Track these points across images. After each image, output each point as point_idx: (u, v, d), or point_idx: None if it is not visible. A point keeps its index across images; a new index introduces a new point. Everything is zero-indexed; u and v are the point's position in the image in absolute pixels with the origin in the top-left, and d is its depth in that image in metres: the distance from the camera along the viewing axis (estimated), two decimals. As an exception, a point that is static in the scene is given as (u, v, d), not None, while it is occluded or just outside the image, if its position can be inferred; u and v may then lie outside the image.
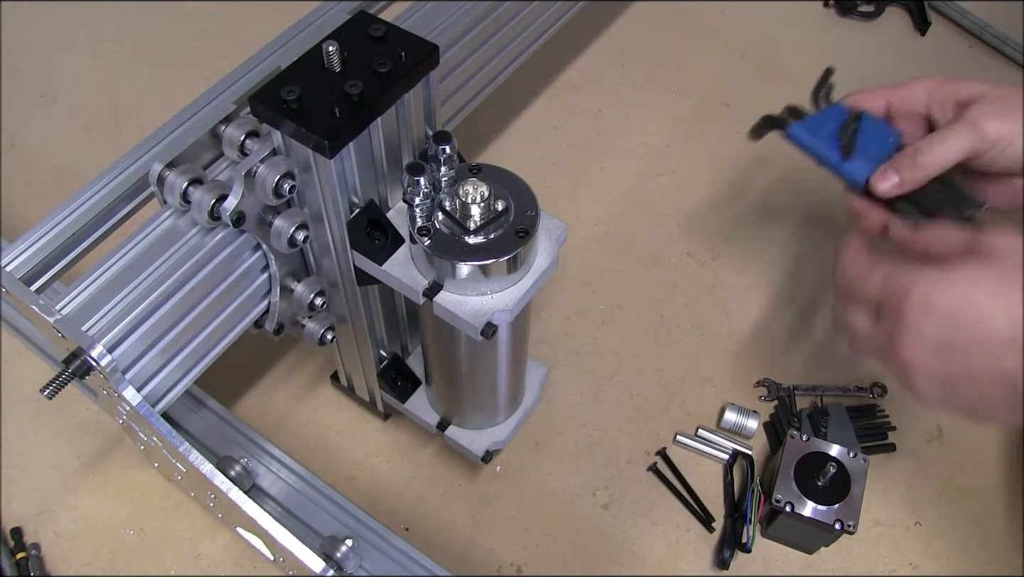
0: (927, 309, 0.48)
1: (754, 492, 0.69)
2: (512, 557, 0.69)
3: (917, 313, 0.48)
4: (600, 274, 0.85)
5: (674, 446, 0.74)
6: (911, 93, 0.63)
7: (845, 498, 0.64)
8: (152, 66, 1.01)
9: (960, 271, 0.48)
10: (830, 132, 0.63)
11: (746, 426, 0.73)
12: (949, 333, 0.47)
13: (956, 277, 0.48)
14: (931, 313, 0.48)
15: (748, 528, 0.68)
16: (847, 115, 0.63)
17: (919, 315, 0.48)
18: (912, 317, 0.48)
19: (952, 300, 0.47)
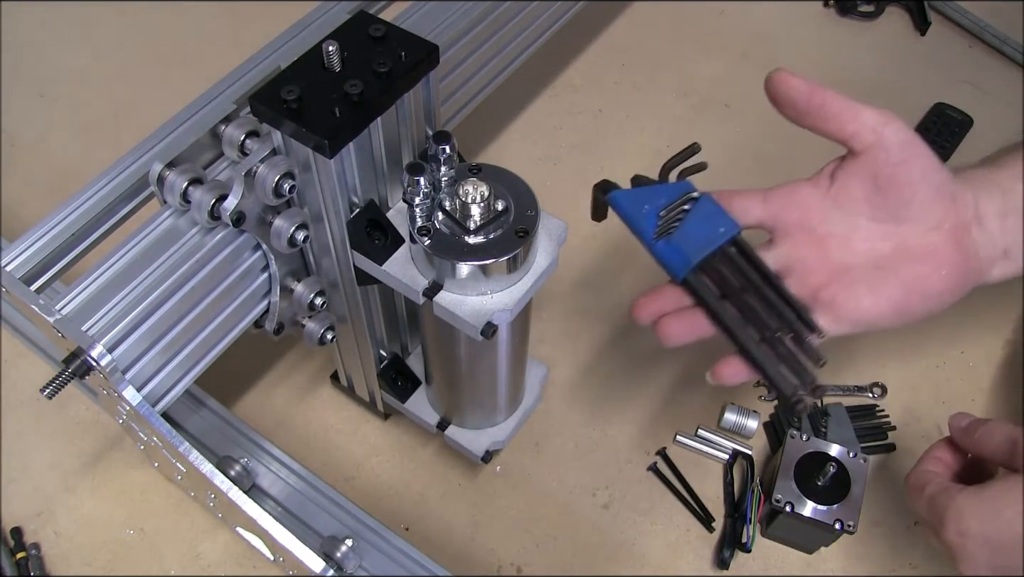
0: (964, 536, 0.48)
1: (754, 492, 0.69)
2: (512, 557, 0.69)
3: (956, 540, 0.49)
4: (600, 274, 0.84)
5: (674, 446, 0.74)
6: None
7: (845, 498, 0.64)
8: (152, 66, 1.01)
9: (987, 492, 0.49)
10: (656, 207, 0.56)
11: (746, 426, 0.73)
12: (994, 555, 0.48)
13: (985, 499, 0.48)
14: (969, 539, 0.48)
15: (748, 528, 0.68)
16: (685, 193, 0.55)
17: (958, 541, 0.49)
18: (953, 543, 0.49)
19: (984, 525, 0.48)
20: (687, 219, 0.54)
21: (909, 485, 0.55)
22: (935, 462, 0.55)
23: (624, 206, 0.57)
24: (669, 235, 0.54)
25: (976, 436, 0.53)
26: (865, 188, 0.52)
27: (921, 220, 0.52)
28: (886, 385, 0.76)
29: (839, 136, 0.53)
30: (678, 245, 0.53)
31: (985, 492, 0.49)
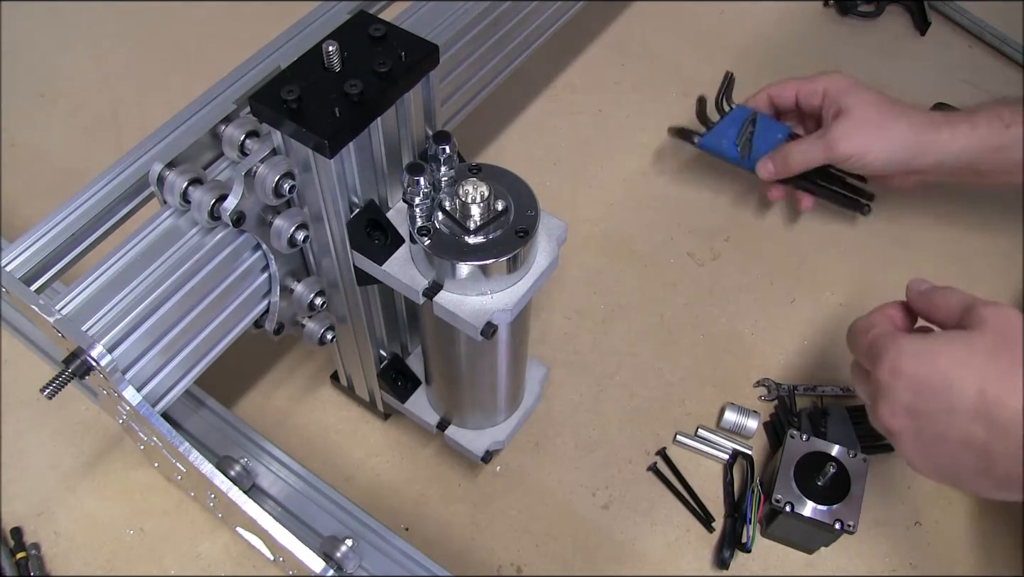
0: (895, 374, 0.49)
1: (754, 492, 0.69)
2: (512, 557, 0.69)
3: (886, 377, 0.50)
4: (600, 274, 0.85)
5: (674, 446, 0.74)
6: (813, 88, 0.77)
7: (845, 498, 0.64)
8: (152, 66, 1.01)
9: (931, 339, 0.49)
10: (731, 138, 0.80)
11: (746, 426, 0.73)
12: (917, 399, 0.48)
13: (926, 344, 0.49)
14: (899, 378, 0.49)
15: (748, 528, 0.68)
16: (744, 117, 0.80)
17: (888, 379, 0.49)
18: (883, 381, 0.50)
19: (919, 367, 0.48)
20: (755, 137, 0.79)
21: (854, 329, 0.56)
22: (884, 317, 0.55)
23: (711, 146, 0.80)
24: (750, 153, 0.79)
25: (932, 299, 0.54)
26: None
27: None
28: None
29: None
30: (759, 156, 0.79)
31: (927, 338, 0.50)
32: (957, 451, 0.48)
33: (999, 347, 0.47)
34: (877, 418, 0.52)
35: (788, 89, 0.78)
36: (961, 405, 0.47)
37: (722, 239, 0.87)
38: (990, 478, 0.48)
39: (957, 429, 0.47)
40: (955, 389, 0.47)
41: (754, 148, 0.79)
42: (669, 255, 0.86)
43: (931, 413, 0.48)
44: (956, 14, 1.05)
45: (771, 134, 0.79)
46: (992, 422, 0.46)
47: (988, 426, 0.46)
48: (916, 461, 0.51)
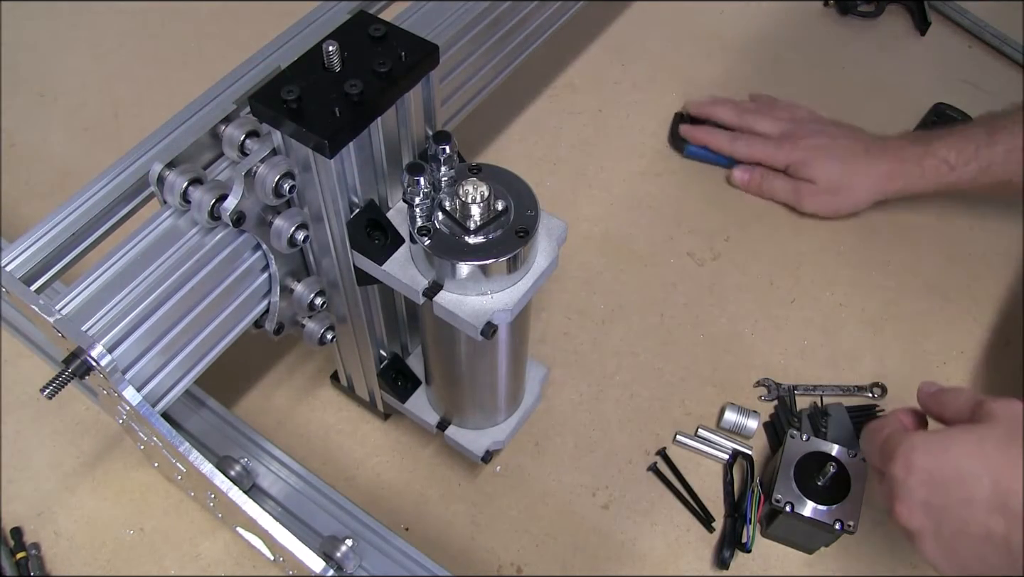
0: (909, 469, 0.49)
1: (754, 492, 0.69)
2: (512, 557, 0.69)
3: (900, 473, 0.49)
4: (600, 274, 0.85)
5: (674, 446, 0.74)
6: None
7: (845, 498, 0.64)
8: (152, 66, 1.01)
9: (942, 432, 0.49)
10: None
11: (746, 426, 0.73)
12: (933, 493, 0.48)
13: (937, 437, 0.49)
14: (913, 473, 0.49)
15: (748, 528, 0.68)
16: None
17: (903, 475, 0.49)
18: (897, 478, 0.50)
19: (932, 460, 0.48)
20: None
21: (868, 429, 0.56)
22: (896, 419, 0.55)
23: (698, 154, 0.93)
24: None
25: (941, 399, 0.54)
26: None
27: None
28: (886, 385, 0.77)
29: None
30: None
31: (939, 433, 0.50)
32: (978, 546, 0.48)
33: (1010, 438, 0.47)
34: (896, 518, 0.51)
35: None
36: (977, 496, 0.47)
37: (722, 239, 0.87)
38: (1015, 571, 0.48)
39: (976, 523, 0.47)
40: (968, 480, 0.47)
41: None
42: (669, 255, 0.86)
43: (947, 507, 0.48)
44: (956, 14, 1.05)
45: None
46: (1009, 512, 0.46)
47: (1006, 517, 0.46)
48: (939, 561, 0.50)
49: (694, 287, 0.84)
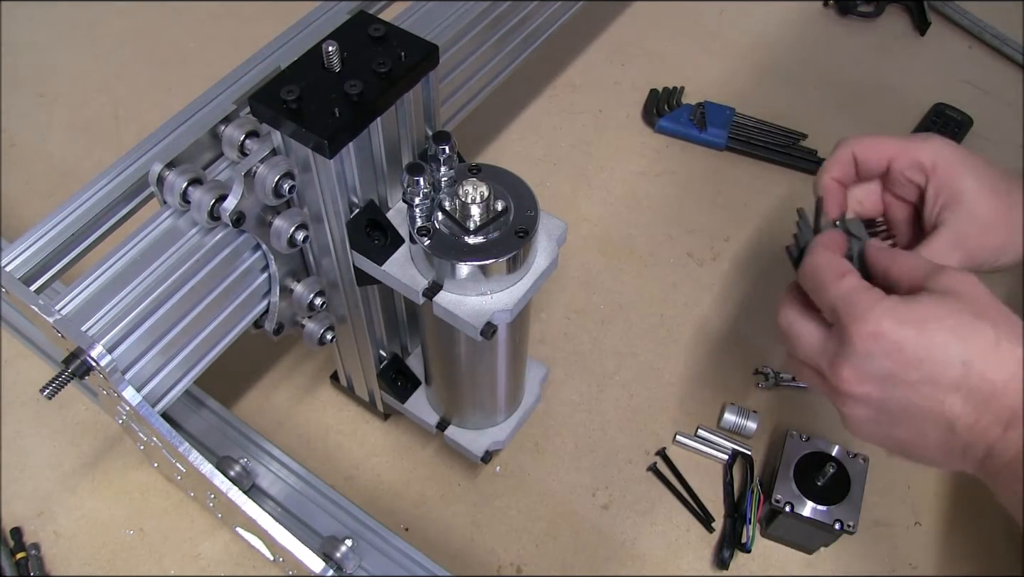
0: (877, 338, 0.46)
1: (754, 492, 0.69)
2: (512, 557, 0.69)
3: (866, 340, 0.46)
4: (600, 274, 0.85)
5: (674, 446, 0.74)
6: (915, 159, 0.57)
7: (845, 498, 0.64)
8: (152, 66, 1.01)
9: (920, 304, 0.46)
10: (686, 118, 0.94)
11: (746, 426, 0.73)
12: (897, 367, 0.46)
13: (913, 309, 0.46)
14: (880, 342, 0.46)
15: (748, 528, 0.68)
16: (692, 106, 0.95)
17: (868, 342, 0.46)
18: (860, 342, 0.46)
19: (906, 333, 0.46)
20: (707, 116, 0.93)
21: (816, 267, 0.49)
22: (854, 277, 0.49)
23: (668, 127, 0.94)
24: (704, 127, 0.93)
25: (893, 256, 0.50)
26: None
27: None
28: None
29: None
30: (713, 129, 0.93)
31: (913, 305, 0.46)
32: (922, 423, 0.46)
33: (977, 315, 0.45)
34: (836, 379, 0.47)
35: (880, 150, 0.57)
36: (943, 377, 0.45)
37: (722, 239, 0.87)
38: (947, 451, 0.47)
39: (932, 400, 0.46)
40: (940, 359, 0.45)
41: (708, 124, 0.93)
42: (669, 255, 0.86)
43: (909, 383, 0.46)
44: (956, 14, 1.05)
45: (721, 113, 0.93)
46: (971, 394, 0.45)
47: (966, 399, 0.45)
48: (867, 429, 0.49)
49: (694, 287, 0.84)
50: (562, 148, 0.94)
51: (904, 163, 0.56)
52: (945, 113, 0.95)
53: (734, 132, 0.93)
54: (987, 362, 0.44)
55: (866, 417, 0.48)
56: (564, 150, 0.94)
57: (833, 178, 0.57)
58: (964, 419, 0.45)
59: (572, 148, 0.94)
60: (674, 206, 0.89)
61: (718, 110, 0.94)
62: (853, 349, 0.46)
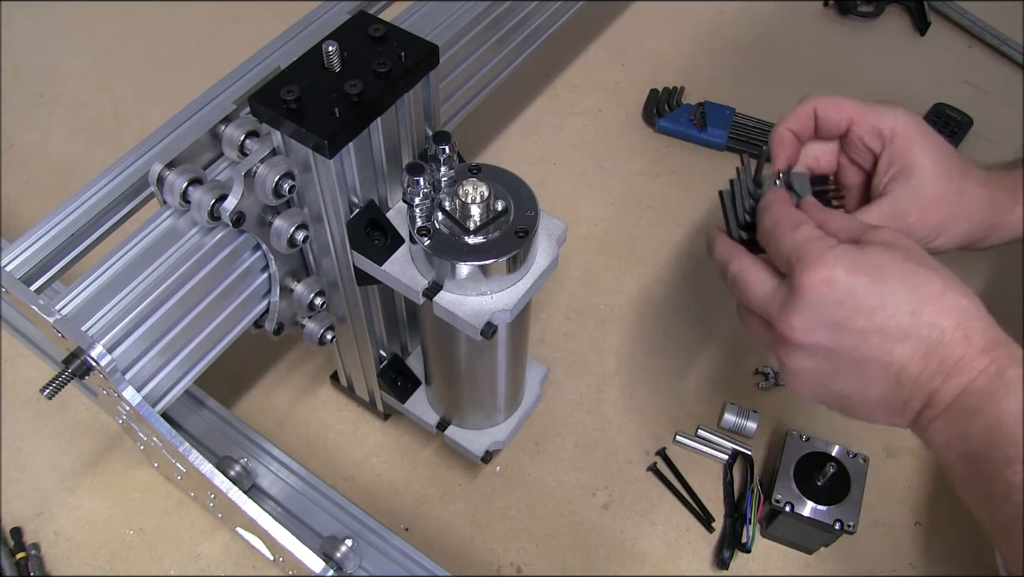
0: (829, 284, 0.45)
1: (754, 492, 0.69)
2: (512, 557, 0.69)
3: (819, 287, 0.45)
4: (600, 274, 0.84)
5: (674, 446, 0.74)
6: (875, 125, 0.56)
7: (845, 498, 0.64)
8: (152, 66, 1.01)
9: (871, 252, 0.46)
10: (686, 118, 0.94)
11: (746, 426, 0.73)
12: (848, 314, 0.45)
13: (867, 257, 0.46)
14: (833, 288, 0.45)
15: (748, 528, 0.68)
16: (692, 106, 0.94)
17: (820, 289, 0.45)
18: (812, 289, 0.45)
19: (859, 282, 0.45)
20: (707, 116, 0.94)
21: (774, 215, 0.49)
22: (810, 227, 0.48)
23: (669, 127, 0.94)
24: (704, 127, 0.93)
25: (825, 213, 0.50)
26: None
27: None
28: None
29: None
30: (713, 129, 0.93)
31: (868, 253, 0.46)
32: (867, 374, 0.46)
33: (924, 265, 0.45)
34: (783, 327, 0.46)
35: (842, 110, 0.56)
36: (893, 326, 0.45)
37: (722, 239, 0.87)
38: (887, 404, 0.47)
39: (880, 350, 0.45)
40: (890, 309, 0.44)
41: (708, 124, 0.93)
42: (669, 255, 0.86)
43: (858, 331, 0.45)
44: (956, 14, 1.05)
45: (720, 113, 0.93)
46: (919, 343, 0.45)
47: (914, 348, 0.45)
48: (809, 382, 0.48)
49: (694, 287, 0.84)
50: (562, 148, 0.94)
51: (864, 127, 0.56)
52: (945, 113, 0.95)
53: (734, 132, 0.92)
54: (935, 311, 0.45)
55: (811, 369, 0.47)
56: (564, 150, 0.94)
57: (790, 129, 0.57)
58: (910, 369, 0.45)
59: (572, 148, 0.94)
60: (674, 206, 0.89)
61: (718, 110, 0.94)
62: (805, 296, 0.46)
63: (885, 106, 0.56)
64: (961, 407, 0.44)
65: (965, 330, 0.45)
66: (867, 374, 0.46)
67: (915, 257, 0.46)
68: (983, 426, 0.44)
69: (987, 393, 0.44)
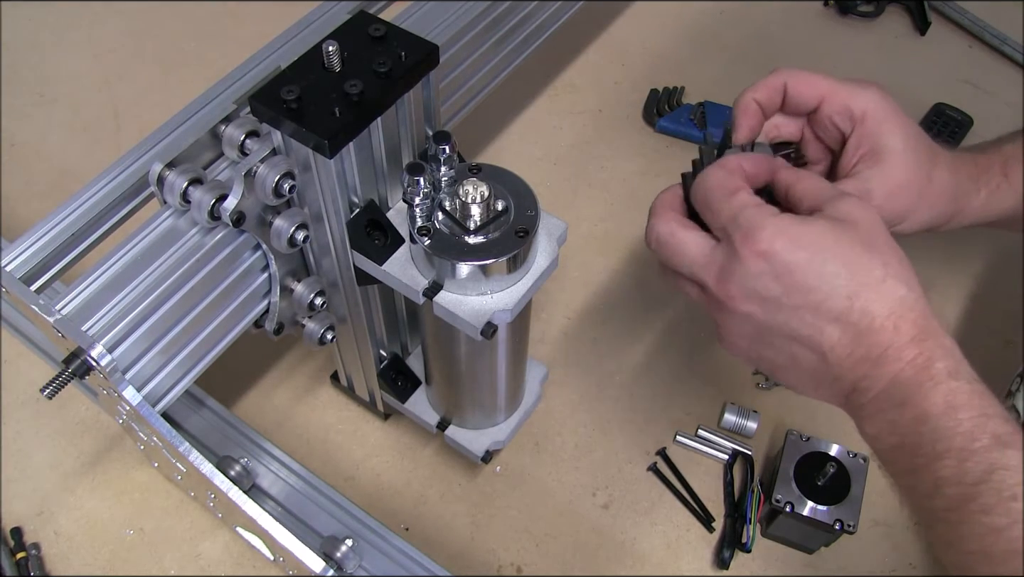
0: (768, 257, 0.44)
1: (754, 492, 0.69)
2: (512, 557, 0.69)
3: (757, 258, 0.45)
4: (600, 274, 0.84)
5: (674, 446, 0.74)
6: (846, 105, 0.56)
7: (845, 498, 0.64)
8: (152, 66, 1.01)
9: (814, 227, 0.45)
10: (686, 118, 0.94)
11: (746, 426, 0.73)
12: (782, 289, 0.45)
13: (808, 232, 0.45)
14: (771, 262, 0.44)
15: (748, 528, 0.68)
16: (692, 106, 0.95)
17: (758, 261, 0.45)
18: (751, 259, 0.45)
19: (797, 257, 0.44)
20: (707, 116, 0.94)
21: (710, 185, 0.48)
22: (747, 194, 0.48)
23: (669, 127, 0.95)
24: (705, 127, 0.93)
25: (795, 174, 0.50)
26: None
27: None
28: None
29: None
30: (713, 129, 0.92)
31: (808, 227, 0.45)
32: (797, 348, 0.46)
33: (869, 247, 0.45)
34: (722, 293, 0.46)
35: (813, 87, 0.56)
36: (827, 307, 0.44)
37: (722, 239, 0.87)
38: (816, 379, 0.47)
39: (811, 328, 0.45)
40: (826, 290, 0.44)
41: (709, 124, 0.93)
42: (669, 255, 0.86)
43: (790, 307, 0.45)
44: (956, 14, 1.05)
45: (721, 114, 0.93)
46: (850, 327, 0.44)
47: (844, 331, 0.44)
48: (741, 345, 0.48)
49: (694, 287, 0.84)
50: (562, 148, 0.94)
51: (834, 106, 0.54)
52: (945, 113, 0.95)
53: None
54: (870, 298, 0.44)
55: (745, 334, 0.48)
56: (564, 150, 0.94)
57: (755, 99, 0.56)
58: (839, 350, 0.45)
59: (572, 148, 0.94)
60: (674, 206, 0.89)
61: (718, 110, 0.94)
62: (742, 266, 0.45)
63: (859, 86, 0.55)
64: (889, 397, 0.45)
65: (896, 320, 0.44)
66: (796, 349, 0.46)
67: (865, 237, 0.45)
68: (910, 419, 0.44)
69: (914, 384, 0.44)
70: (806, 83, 0.55)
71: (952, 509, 0.43)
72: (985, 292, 0.84)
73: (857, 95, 0.54)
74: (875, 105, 0.54)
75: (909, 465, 0.45)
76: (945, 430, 0.43)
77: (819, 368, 0.46)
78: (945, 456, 0.43)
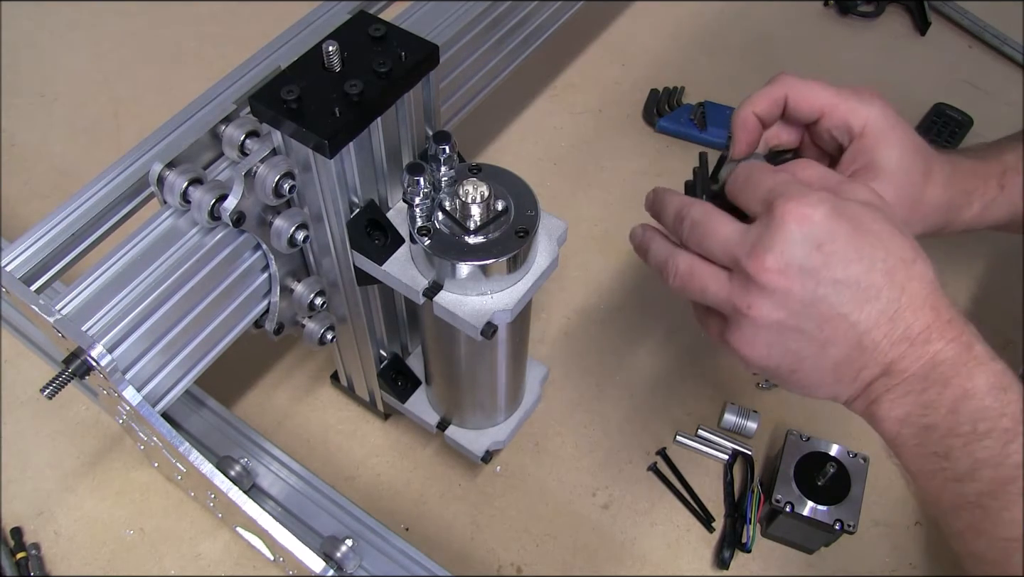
0: (810, 222, 0.42)
1: (754, 492, 0.69)
2: (512, 557, 0.69)
3: (799, 221, 0.42)
4: (600, 274, 0.84)
5: (674, 446, 0.74)
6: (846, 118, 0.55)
7: (845, 498, 0.64)
8: (152, 66, 1.01)
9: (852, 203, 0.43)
10: (686, 118, 0.94)
11: (746, 426, 0.73)
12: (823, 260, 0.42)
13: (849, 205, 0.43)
14: (812, 227, 0.42)
15: (748, 528, 0.68)
16: (692, 106, 0.95)
17: (801, 225, 0.42)
18: (793, 222, 0.42)
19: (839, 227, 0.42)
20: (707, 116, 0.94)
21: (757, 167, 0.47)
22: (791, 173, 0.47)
23: (669, 128, 0.95)
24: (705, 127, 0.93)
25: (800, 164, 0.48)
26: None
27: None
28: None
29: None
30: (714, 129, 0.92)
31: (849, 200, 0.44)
32: (827, 330, 0.43)
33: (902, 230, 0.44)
34: (756, 268, 0.43)
35: (814, 101, 0.55)
36: (867, 282, 0.42)
37: (722, 239, 0.87)
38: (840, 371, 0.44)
39: (851, 305, 0.43)
40: (866, 264, 0.42)
41: (709, 124, 0.93)
42: (669, 255, 0.86)
43: (831, 281, 0.42)
44: (956, 14, 1.05)
45: (721, 113, 0.94)
46: (888, 305, 0.43)
47: (883, 311, 0.43)
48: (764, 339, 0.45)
49: (694, 287, 0.83)
50: (562, 148, 0.94)
51: (834, 120, 0.54)
52: (945, 113, 0.95)
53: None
54: (909, 275, 0.44)
55: (774, 323, 0.44)
56: (564, 150, 0.94)
57: (755, 112, 0.55)
58: (874, 333, 0.43)
59: (572, 148, 0.94)
60: (674, 206, 0.89)
61: (718, 110, 0.94)
62: (784, 229, 0.43)
63: (860, 101, 0.53)
64: (926, 377, 0.44)
65: (934, 300, 0.44)
66: (830, 333, 0.44)
67: (893, 219, 0.45)
68: (950, 399, 0.43)
69: (958, 363, 0.43)
70: (806, 97, 0.55)
71: (989, 493, 0.42)
72: (985, 292, 0.84)
73: (857, 111, 0.53)
74: (875, 121, 0.53)
75: (942, 448, 0.44)
76: (990, 410, 0.42)
77: (849, 356, 0.44)
78: (987, 437, 0.42)
